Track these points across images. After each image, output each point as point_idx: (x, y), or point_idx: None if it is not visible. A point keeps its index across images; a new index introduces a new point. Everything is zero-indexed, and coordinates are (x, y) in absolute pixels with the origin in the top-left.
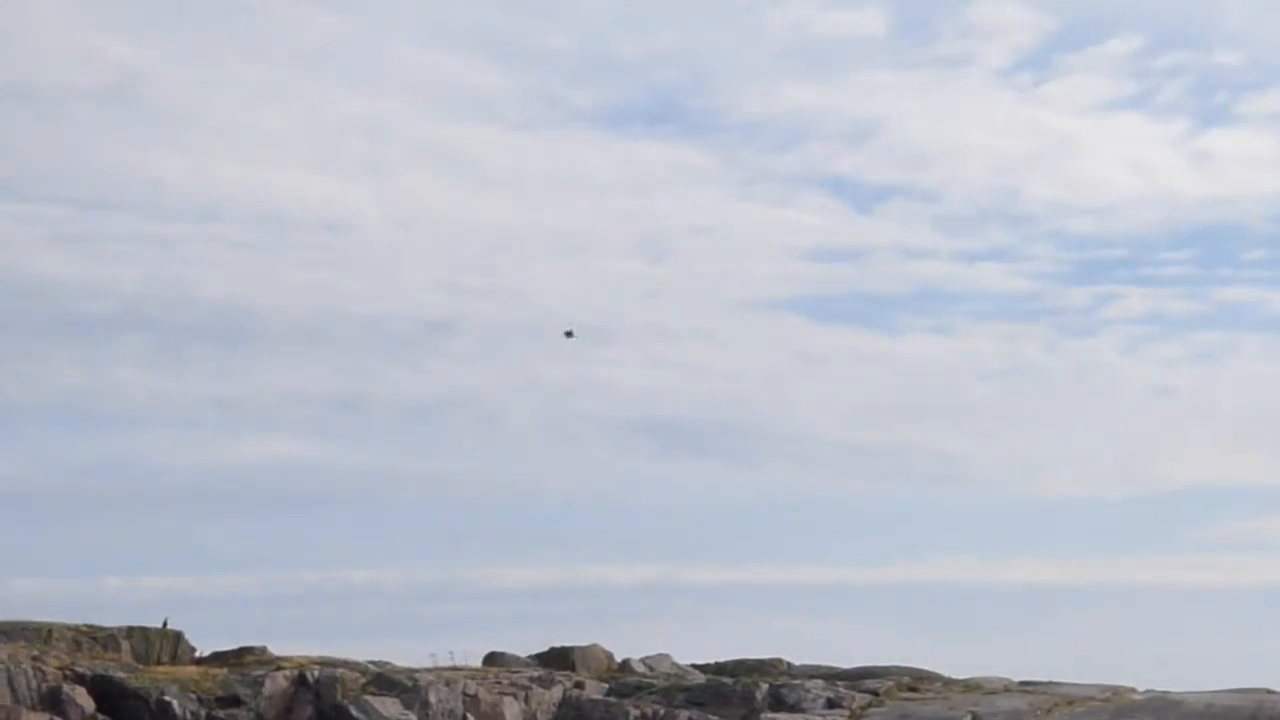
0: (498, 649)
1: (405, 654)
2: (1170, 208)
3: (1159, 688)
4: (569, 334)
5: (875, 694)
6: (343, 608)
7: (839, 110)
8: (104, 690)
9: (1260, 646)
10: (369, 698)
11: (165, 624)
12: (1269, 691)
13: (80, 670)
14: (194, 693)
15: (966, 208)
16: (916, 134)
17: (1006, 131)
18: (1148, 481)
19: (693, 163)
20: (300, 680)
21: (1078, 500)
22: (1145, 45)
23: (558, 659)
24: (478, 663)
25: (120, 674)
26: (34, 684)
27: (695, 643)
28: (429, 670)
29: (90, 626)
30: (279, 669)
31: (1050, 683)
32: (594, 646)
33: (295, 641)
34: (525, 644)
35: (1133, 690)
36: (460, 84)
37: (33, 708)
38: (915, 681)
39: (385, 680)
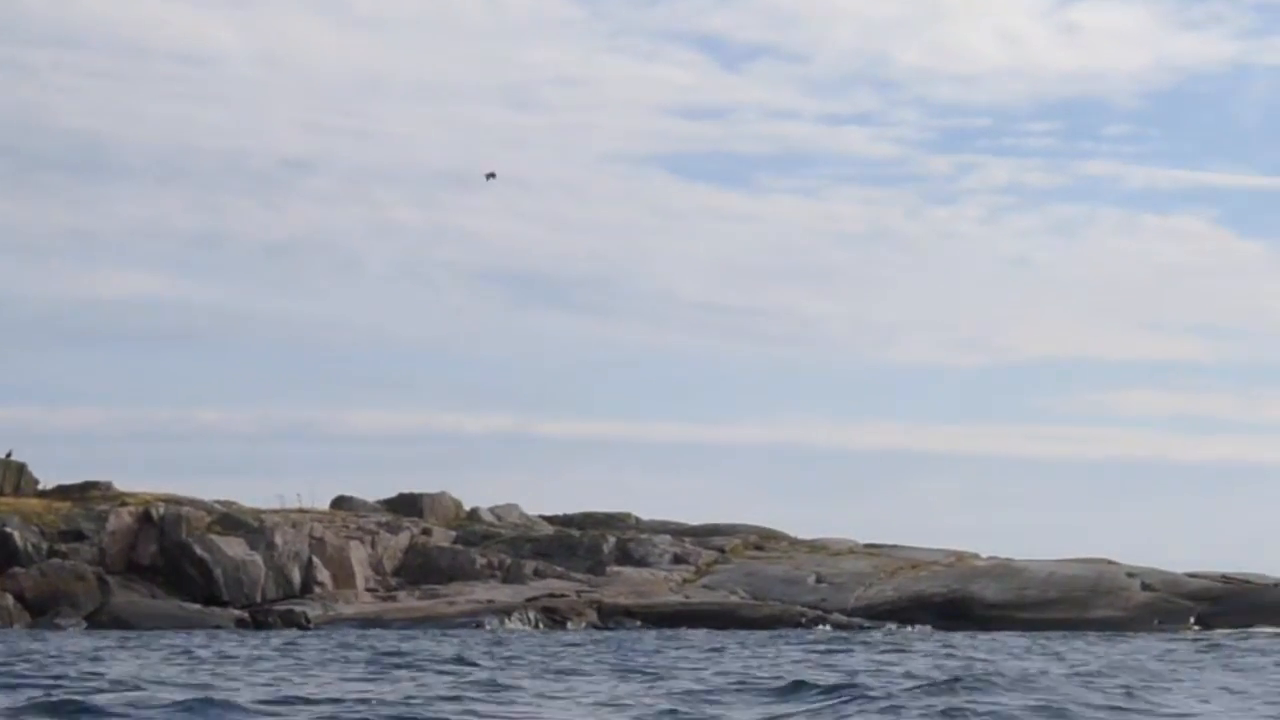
0: (347, 493)
1: (253, 495)
2: (1036, 79)
3: (1002, 555)
4: (490, 176)
5: (722, 551)
6: (192, 446)
7: None
8: None
9: (1104, 518)
10: (214, 537)
11: (9, 455)
12: (1109, 562)
13: None
14: (36, 525)
15: (834, 71)
16: None
17: None
18: (1001, 351)
19: (561, 13)
20: (145, 517)
21: (931, 367)
22: None
23: (406, 505)
24: (325, 506)
25: None
26: None
27: (545, 495)
28: (276, 512)
29: None
30: (124, 505)
31: (895, 546)
32: (443, 494)
33: (142, 479)
34: (374, 489)
35: (976, 556)
36: None
37: None
38: (762, 540)
39: (231, 520)
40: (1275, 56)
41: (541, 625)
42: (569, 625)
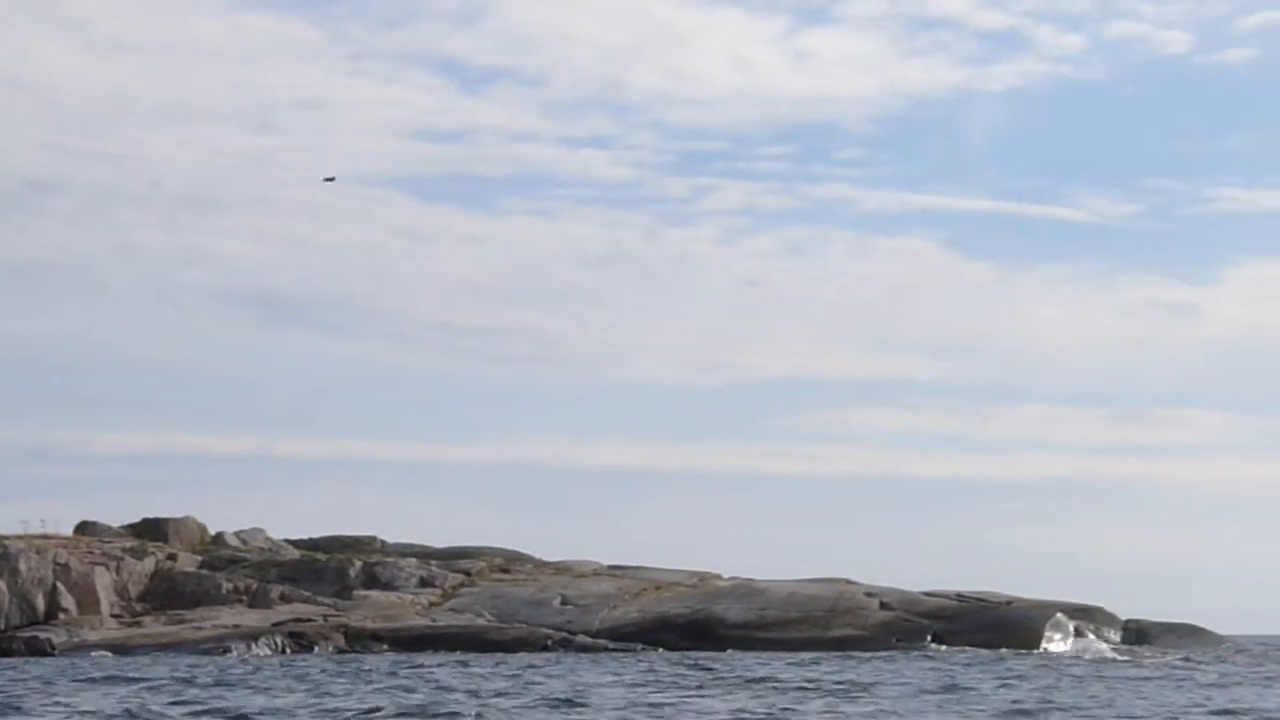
0: (91, 516)
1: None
2: (769, 104)
3: (743, 574)
4: (330, 179)
5: (468, 574)
6: None
7: None
8: None
9: (839, 534)
10: None
11: None
12: (849, 582)
13: None
14: None
15: (571, 94)
16: (524, 18)
17: (613, 21)
18: (736, 370)
19: (301, 35)
20: None
21: (668, 386)
22: None
23: (151, 530)
24: (69, 531)
25: None
26: None
27: (289, 517)
28: (19, 537)
29: None
30: None
31: (638, 567)
32: (188, 518)
33: None
34: (118, 511)
35: (718, 576)
36: None
37: None
38: (507, 563)
39: None
40: (998, 83)
41: (288, 650)
42: (316, 650)
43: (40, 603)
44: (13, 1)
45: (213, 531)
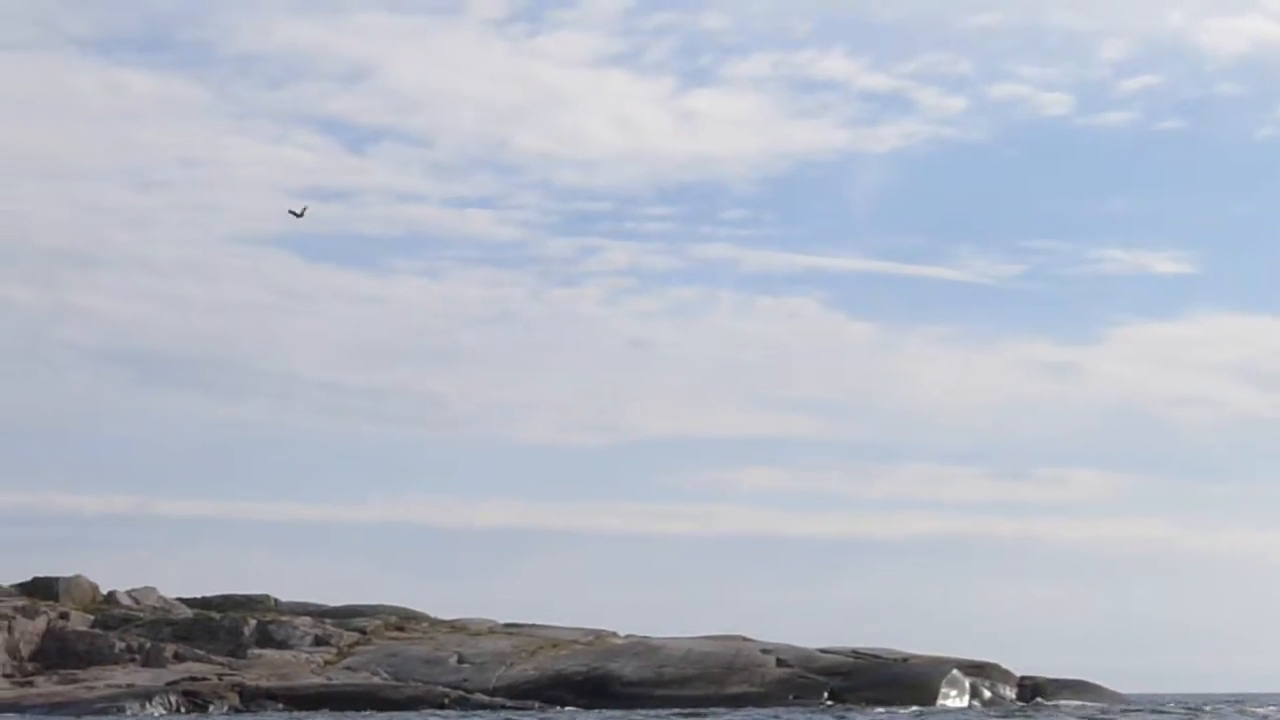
0: None
1: None
2: (654, 164)
3: (638, 632)
4: (299, 214)
5: (363, 632)
6: None
7: (334, 50)
8: None
9: (731, 593)
10: None
11: None
12: (744, 639)
13: None
14: None
15: (457, 155)
16: (409, 79)
17: (498, 81)
18: (622, 430)
19: (185, 94)
20: None
21: (554, 446)
22: (635, 4)
23: (41, 588)
24: None
25: None
26: None
27: (176, 577)
28: None
29: None
30: None
31: (533, 625)
32: (78, 577)
33: None
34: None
35: (614, 634)
36: None
37: None
38: (402, 621)
39: None
40: (882, 144)
41: (183, 709)
42: (211, 709)
43: None
44: None
45: (104, 590)
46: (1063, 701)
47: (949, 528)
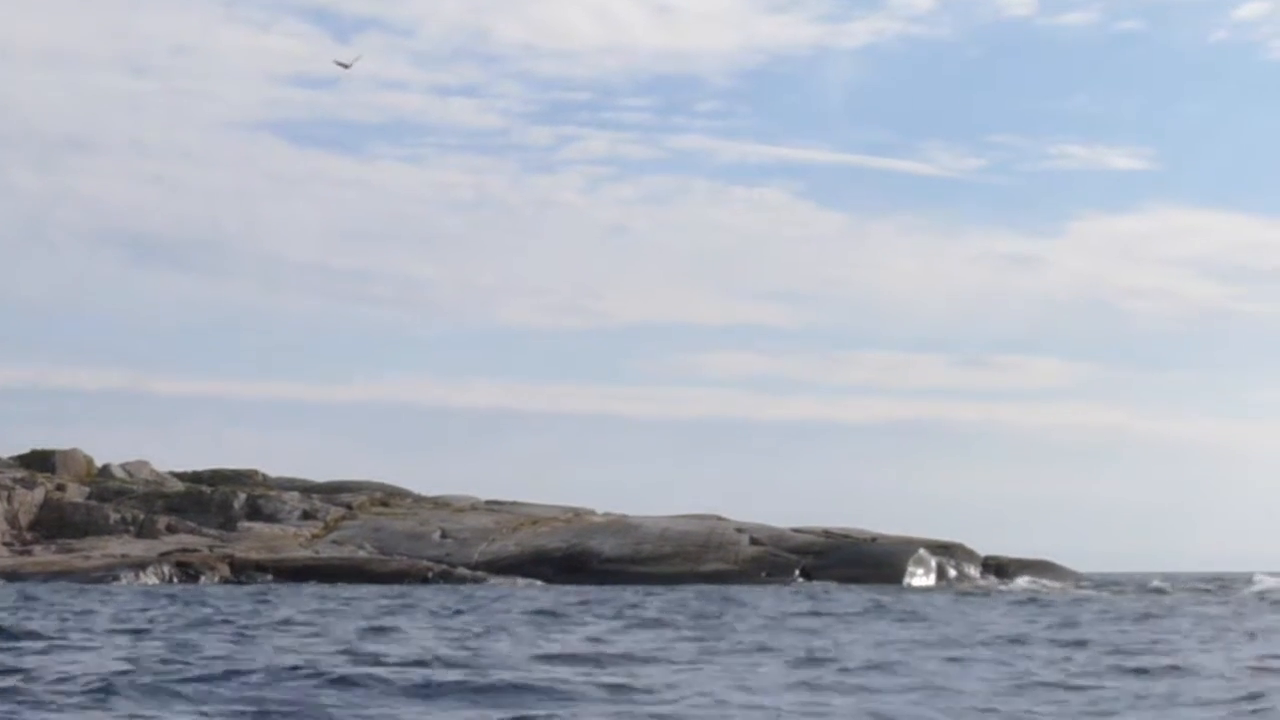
0: None
1: None
2: (631, 56)
3: (613, 510)
4: (347, 65)
5: (349, 507)
6: None
7: None
8: None
9: (703, 474)
10: None
11: None
12: (719, 518)
13: None
14: None
15: (440, 44)
16: None
17: None
18: (598, 315)
19: None
20: None
21: (533, 329)
22: None
23: (39, 461)
24: None
25: None
26: None
27: (166, 452)
28: None
29: None
30: None
31: (515, 503)
32: (74, 451)
33: None
34: None
35: (592, 512)
36: None
37: None
38: (387, 497)
39: None
40: (852, 40)
41: (176, 579)
42: (202, 579)
43: None
44: None
45: (98, 464)
46: (1026, 579)
47: (913, 412)
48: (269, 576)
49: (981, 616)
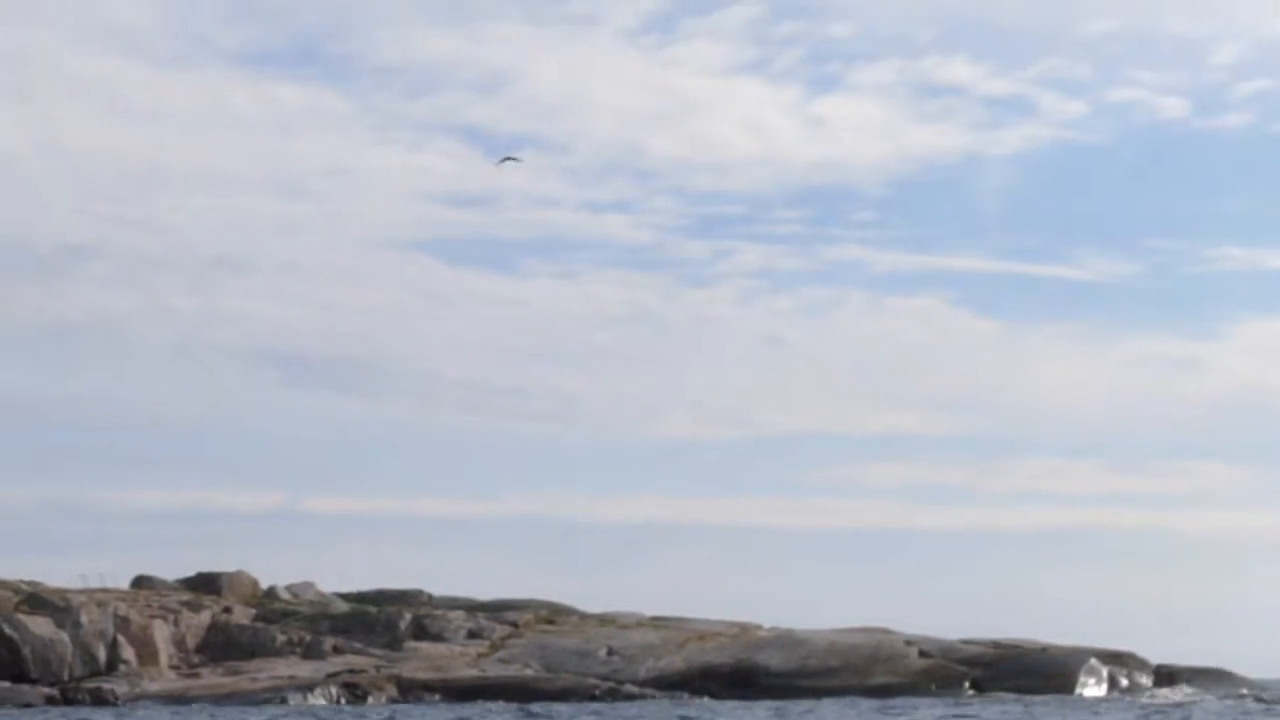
0: (133, 570)
1: (43, 573)
2: (784, 169)
3: (775, 623)
4: (509, 159)
5: (515, 625)
6: None
7: (472, 61)
8: None
9: (867, 586)
10: (22, 616)
11: None
12: (886, 631)
13: None
14: None
15: (593, 160)
16: (546, 88)
17: (633, 89)
18: (755, 426)
19: (329, 105)
20: None
21: (690, 442)
22: (764, 14)
23: (205, 583)
24: (126, 584)
25: None
26: None
27: (325, 570)
28: (80, 591)
29: None
30: None
31: (680, 618)
32: (240, 572)
33: None
34: (157, 565)
35: (759, 627)
36: (109, 19)
37: None
38: (552, 614)
39: (38, 600)
40: (1004, 147)
41: (343, 700)
42: (369, 700)
43: (101, 654)
44: (49, 73)
45: (263, 585)
46: (1198, 688)
47: (1074, 519)
48: (436, 696)
49: None
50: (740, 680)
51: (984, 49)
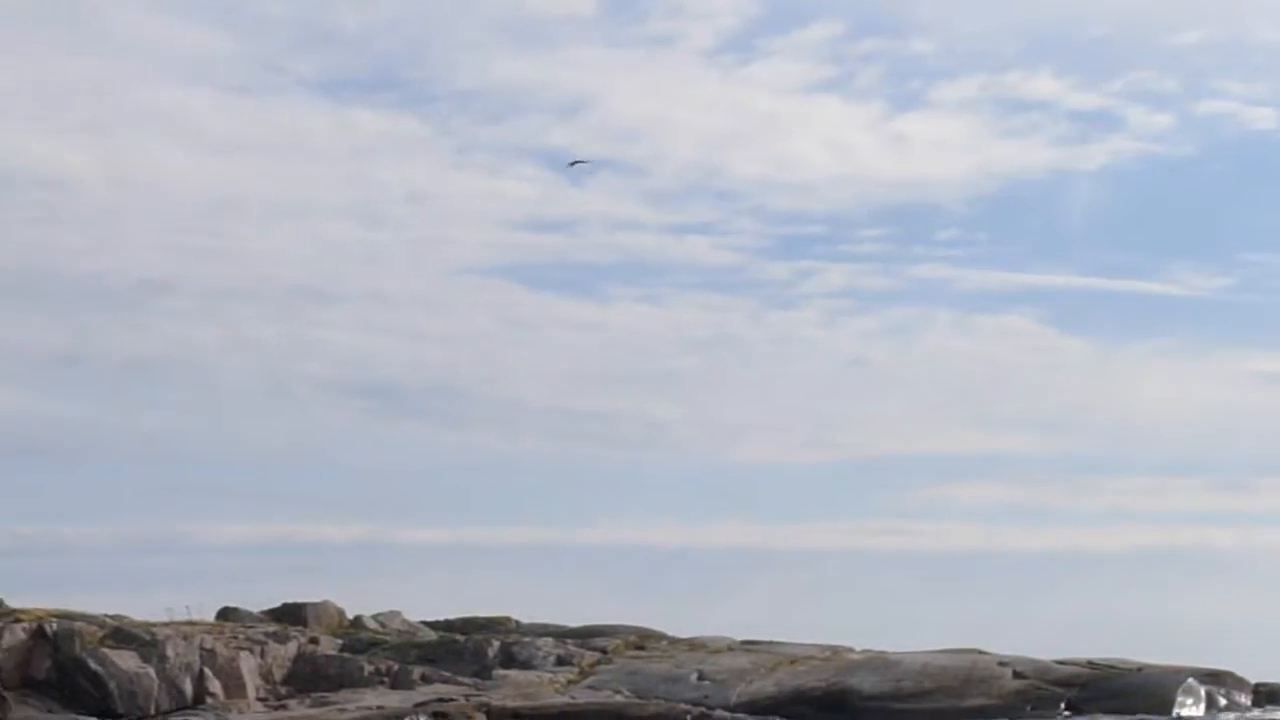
0: (218, 603)
1: (129, 608)
2: (867, 187)
3: (867, 647)
4: (577, 163)
5: (604, 651)
6: (59, 561)
7: (551, 84)
8: None
9: (959, 608)
10: (107, 651)
11: None
12: (980, 652)
13: None
14: None
15: (673, 182)
16: (625, 110)
17: (712, 110)
18: (842, 449)
19: (409, 131)
20: (39, 633)
21: (776, 466)
22: (844, 32)
23: (290, 614)
24: (211, 617)
25: None
26: None
27: (412, 600)
28: (165, 624)
29: None
30: (17, 620)
31: (771, 642)
32: (326, 603)
33: (13, 594)
34: (243, 598)
35: (851, 649)
36: (184, 48)
37: None
38: (641, 640)
39: (123, 634)
40: (1091, 162)
41: None
42: None
43: (188, 687)
44: (125, 106)
45: (349, 615)
46: None
47: (1170, 538)
48: None
49: None
50: (833, 704)
51: (1069, 63)
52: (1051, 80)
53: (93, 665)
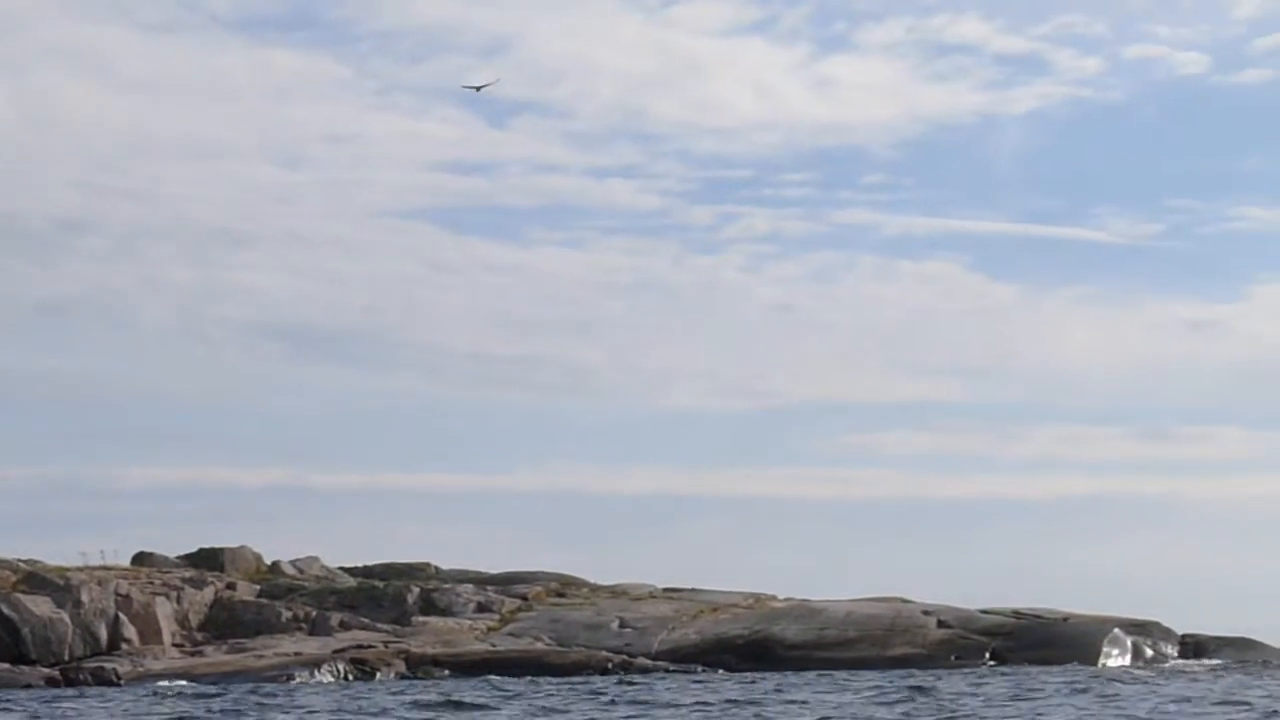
0: (134, 548)
1: (43, 553)
2: (791, 131)
3: (790, 595)
4: (477, 87)
5: (524, 599)
6: None
7: (473, 25)
8: None
9: (883, 556)
10: (20, 596)
11: None
12: (904, 600)
13: None
14: None
15: (596, 125)
16: (547, 51)
17: (635, 51)
18: (766, 396)
19: (327, 71)
20: None
21: (699, 412)
22: None
23: (207, 559)
24: (127, 562)
25: None
26: None
27: (330, 545)
28: (80, 569)
29: None
30: None
31: (693, 589)
32: (243, 548)
33: None
34: (160, 542)
35: (774, 598)
36: None
37: None
38: (562, 587)
39: (37, 579)
40: (1018, 106)
41: (351, 676)
42: (378, 676)
43: (103, 633)
44: (38, 44)
45: (267, 561)
46: (1225, 658)
47: (1095, 487)
48: (445, 671)
49: None
50: (756, 652)
51: (996, 6)
52: (978, 23)
53: (6, 610)
